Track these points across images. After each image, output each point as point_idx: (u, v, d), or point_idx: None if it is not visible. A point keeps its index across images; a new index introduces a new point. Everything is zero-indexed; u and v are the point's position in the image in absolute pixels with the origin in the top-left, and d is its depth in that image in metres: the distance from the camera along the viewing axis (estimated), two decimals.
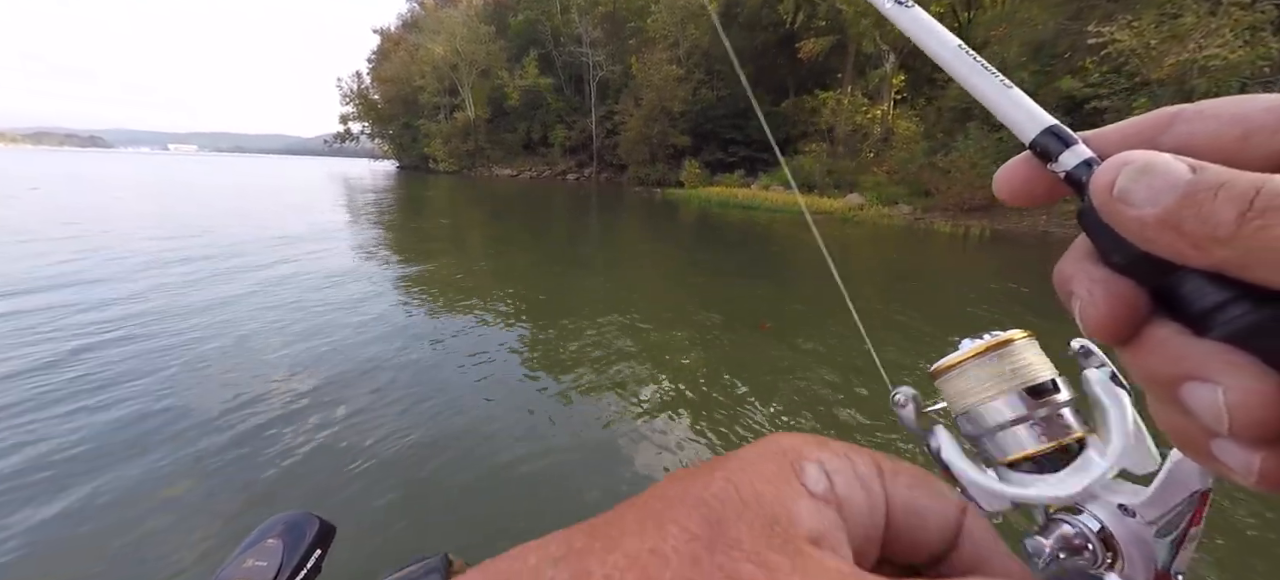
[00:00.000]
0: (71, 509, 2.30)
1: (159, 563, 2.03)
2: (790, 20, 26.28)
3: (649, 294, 6.72)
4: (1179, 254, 0.16)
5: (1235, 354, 0.15)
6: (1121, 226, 0.17)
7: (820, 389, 3.69)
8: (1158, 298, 0.17)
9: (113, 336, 4.17)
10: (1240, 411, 0.15)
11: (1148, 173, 0.16)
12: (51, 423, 2.94)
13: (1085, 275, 0.19)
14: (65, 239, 8.26)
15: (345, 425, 3.04)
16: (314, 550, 0.78)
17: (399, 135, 57.42)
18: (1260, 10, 9.68)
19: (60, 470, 2.55)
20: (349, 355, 4.03)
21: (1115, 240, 0.18)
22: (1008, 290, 7.38)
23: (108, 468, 2.58)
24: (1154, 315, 0.17)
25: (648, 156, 32.54)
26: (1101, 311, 0.18)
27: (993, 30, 18.62)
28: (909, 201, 17.64)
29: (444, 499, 2.44)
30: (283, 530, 0.77)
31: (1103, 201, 0.17)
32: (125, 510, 2.31)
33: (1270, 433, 0.14)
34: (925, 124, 20.78)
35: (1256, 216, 0.14)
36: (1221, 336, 0.15)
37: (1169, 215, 0.15)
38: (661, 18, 34.75)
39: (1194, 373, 0.16)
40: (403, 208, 17.06)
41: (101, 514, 2.28)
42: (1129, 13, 11.77)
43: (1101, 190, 0.17)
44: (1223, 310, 0.15)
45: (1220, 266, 0.15)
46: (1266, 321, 0.14)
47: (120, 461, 2.63)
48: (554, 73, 43.51)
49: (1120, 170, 0.17)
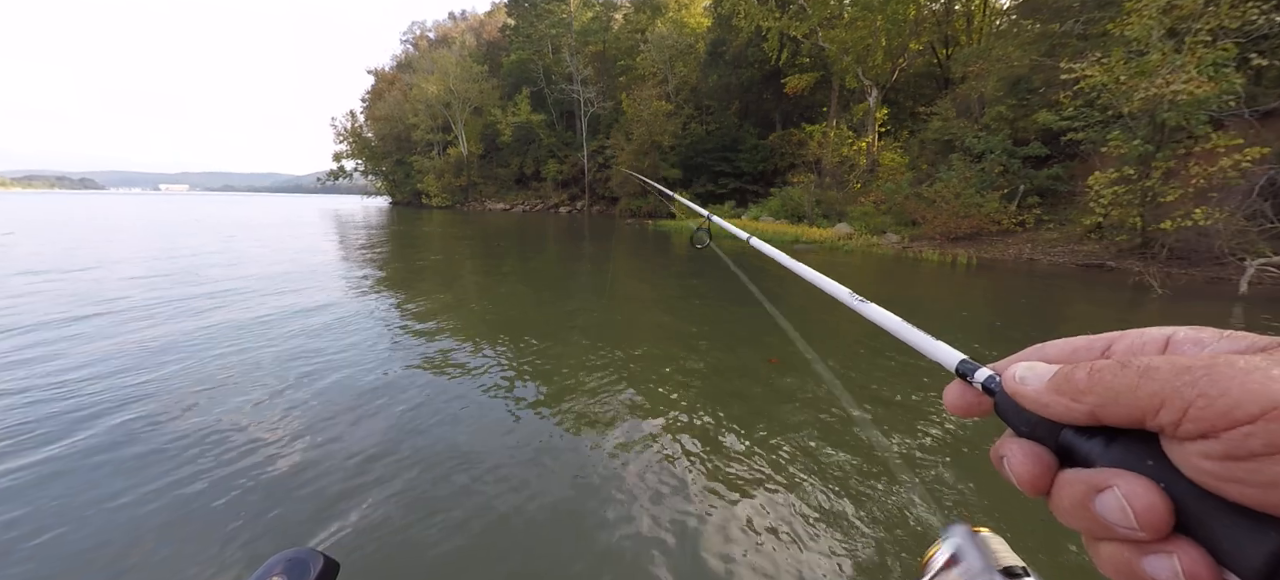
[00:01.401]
0: (72, 549, 2.18)
1: None
2: (775, 57, 27.18)
3: (649, 323, 6.69)
4: (1059, 411, 0.24)
5: (1116, 468, 0.22)
6: (1023, 401, 0.25)
7: (835, 426, 3.66)
8: (1059, 456, 0.25)
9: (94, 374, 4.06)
10: (1134, 498, 0.21)
11: (1032, 367, 0.26)
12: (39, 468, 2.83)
13: (1007, 446, 0.26)
14: (32, 292, 8.12)
15: (346, 460, 2.95)
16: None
17: (392, 172, 57.94)
18: (1222, 48, 10.16)
19: (52, 512, 2.43)
20: (344, 391, 3.95)
21: (1021, 415, 0.26)
22: (995, 317, 7.44)
23: (100, 500, 2.47)
24: (1060, 468, 0.24)
25: (639, 189, 33.00)
26: (1022, 468, 0.25)
27: (969, 66, 19.37)
28: (897, 231, 17.95)
29: (451, 539, 2.36)
30: (286, 568, 0.77)
31: (1011, 388, 0.26)
32: (120, 544, 2.20)
33: (1160, 519, 0.20)
34: (910, 156, 21.32)
35: (1096, 374, 0.23)
36: (1103, 463, 0.23)
37: (1049, 385, 0.24)
38: (650, 56, 35.84)
39: (1096, 485, 0.22)
40: (401, 241, 17.04)
41: (100, 550, 2.17)
42: (1098, 50, 12.30)
43: (1010, 380, 0.26)
44: (1099, 444, 0.23)
45: (1086, 418, 0.23)
46: (1126, 444, 0.22)
47: (113, 494, 2.52)
48: (546, 109, 44.43)
49: (1020, 367, 0.27)
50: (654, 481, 2.97)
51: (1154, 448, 0.21)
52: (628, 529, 2.56)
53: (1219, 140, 10.21)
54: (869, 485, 2.97)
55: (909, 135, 23.16)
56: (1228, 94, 10.15)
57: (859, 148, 25.11)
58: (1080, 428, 0.24)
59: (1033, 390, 0.25)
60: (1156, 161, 11.05)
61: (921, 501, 2.84)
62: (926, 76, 25.69)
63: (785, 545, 2.46)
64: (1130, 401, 0.21)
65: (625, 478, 3.03)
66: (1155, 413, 0.21)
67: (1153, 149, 11.11)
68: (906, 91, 26.13)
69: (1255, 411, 0.18)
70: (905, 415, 3.93)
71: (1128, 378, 0.22)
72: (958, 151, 17.64)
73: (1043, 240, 14.76)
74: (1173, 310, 8.12)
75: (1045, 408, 0.24)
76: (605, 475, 3.06)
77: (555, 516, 2.67)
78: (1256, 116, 10.94)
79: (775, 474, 3.04)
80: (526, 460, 3.22)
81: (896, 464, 3.24)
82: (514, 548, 2.45)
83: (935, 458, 3.29)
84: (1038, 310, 8.45)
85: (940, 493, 2.93)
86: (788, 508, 2.74)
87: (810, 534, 2.53)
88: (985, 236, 15.81)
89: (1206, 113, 10.32)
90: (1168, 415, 0.20)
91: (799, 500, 2.80)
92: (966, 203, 16.08)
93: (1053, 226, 15.13)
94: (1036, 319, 7.82)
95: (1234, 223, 10.26)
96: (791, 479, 2.99)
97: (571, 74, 40.15)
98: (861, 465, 3.19)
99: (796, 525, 2.60)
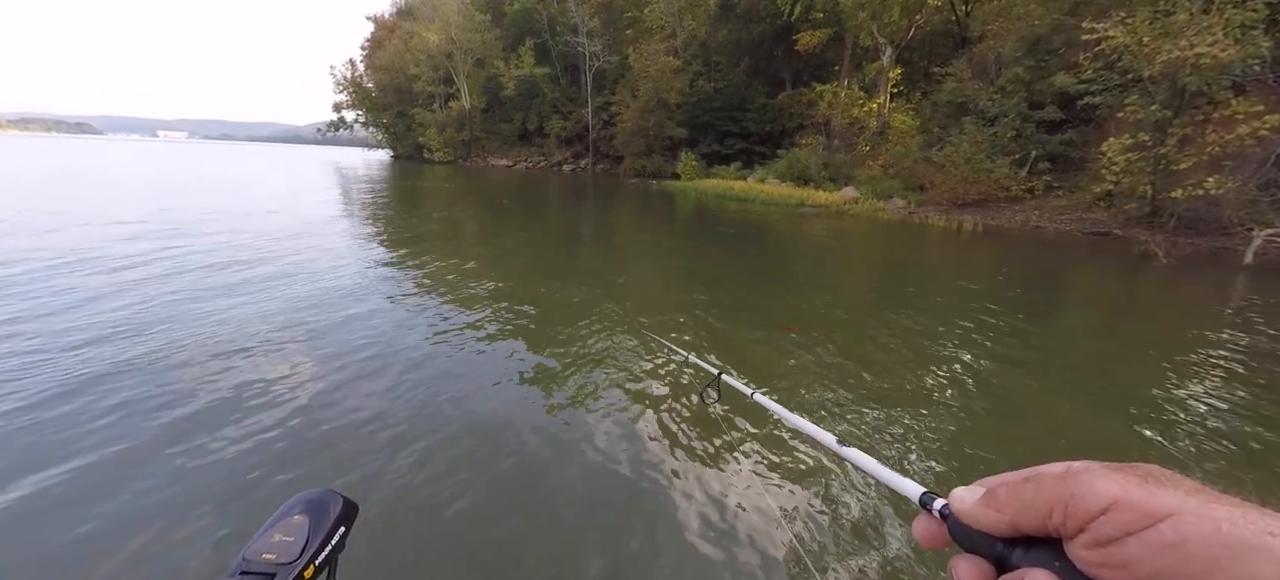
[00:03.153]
0: (92, 500, 2.34)
1: (183, 540, 2.09)
2: (788, 12, 26.20)
3: (669, 289, 6.77)
4: (989, 524, 0.31)
5: (1033, 568, 0.28)
6: (962, 518, 0.33)
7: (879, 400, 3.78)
8: (996, 565, 0.31)
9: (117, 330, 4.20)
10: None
11: (971, 489, 0.33)
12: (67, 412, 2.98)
13: (956, 563, 0.33)
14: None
15: (364, 407, 3.09)
16: (338, 527, 0.80)
17: (393, 124, 56.86)
18: (1252, 8, 9.77)
19: (77, 457, 2.59)
20: (364, 349, 4.08)
21: (965, 534, 0.32)
22: (998, 283, 7.48)
23: (126, 448, 2.63)
24: (997, 576, 0.31)
25: (644, 148, 32.42)
26: (966, 576, 0.31)
27: (989, 24, 18.65)
28: (903, 196, 17.75)
29: (466, 487, 2.51)
30: (308, 507, 0.79)
31: (954, 507, 0.34)
32: (148, 485, 2.36)
33: None
34: (921, 118, 20.83)
35: (1010, 489, 0.31)
36: (1024, 565, 0.29)
37: (980, 502, 0.32)
38: (659, 8, 34.54)
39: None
40: (407, 198, 16.98)
41: (123, 488, 2.33)
42: (1124, 9, 11.83)
43: (954, 500, 0.34)
44: (1021, 551, 0.30)
45: (1008, 528, 0.30)
46: (1041, 549, 0.29)
47: (143, 435, 2.68)
48: (550, 62, 43.17)
49: (960, 489, 0.34)
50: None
51: (1060, 550, 0.28)
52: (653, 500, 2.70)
53: (1239, 107, 9.95)
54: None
55: (922, 97, 22.56)
56: (1253, 58, 9.83)
57: (870, 109, 24.49)
58: (1008, 539, 0.30)
59: (969, 508, 0.32)
60: (1173, 128, 10.81)
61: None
62: (943, 34, 24.76)
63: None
64: (1034, 510, 0.28)
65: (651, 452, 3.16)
66: (1051, 518, 0.28)
67: (1171, 115, 10.85)
68: (922, 50, 25.25)
69: (1103, 504, 0.25)
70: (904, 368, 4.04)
71: (1029, 489, 0.29)
72: (971, 115, 17.24)
73: (1050, 207, 14.61)
74: (1175, 279, 8.14)
75: (977, 521, 0.31)
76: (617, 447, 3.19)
77: (552, 459, 2.81)
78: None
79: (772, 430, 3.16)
80: (545, 430, 3.36)
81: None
82: (521, 496, 2.60)
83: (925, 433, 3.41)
84: (1041, 278, 8.48)
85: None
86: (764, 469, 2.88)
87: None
88: (992, 203, 15.65)
89: (1229, 77, 10.02)
90: (1057, 518, 0.27)
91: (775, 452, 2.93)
92: (976, 168, 15.84)
93: (1062, 193, 14.95)
94: (1039, 286, 7.85)
95: (1246, 192, 10.13)
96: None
97: (577, 25, 38.75)
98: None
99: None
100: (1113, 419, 3.42)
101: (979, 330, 5.08)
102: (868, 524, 2.31)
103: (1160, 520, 0.24)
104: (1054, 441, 3.14)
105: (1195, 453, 3.01)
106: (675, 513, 2.38)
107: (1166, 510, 0.24)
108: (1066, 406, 3.58)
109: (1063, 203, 14.61)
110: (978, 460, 2.89)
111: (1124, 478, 0.26)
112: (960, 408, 3.46)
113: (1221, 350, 4.74)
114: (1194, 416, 3.44)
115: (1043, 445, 3.11)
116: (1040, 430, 3.29)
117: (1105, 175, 11.92)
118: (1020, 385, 3.92)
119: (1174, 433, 3.22)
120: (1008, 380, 3.97)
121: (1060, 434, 3.24)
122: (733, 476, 2.64)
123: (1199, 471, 2.82)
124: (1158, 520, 0.24)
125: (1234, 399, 3.71)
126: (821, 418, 3.27)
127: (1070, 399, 3.70)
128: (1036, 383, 3.98)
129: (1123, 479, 0.26)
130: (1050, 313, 6.35)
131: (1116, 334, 5.56)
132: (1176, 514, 0.24)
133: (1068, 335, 5.53)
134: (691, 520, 2.33)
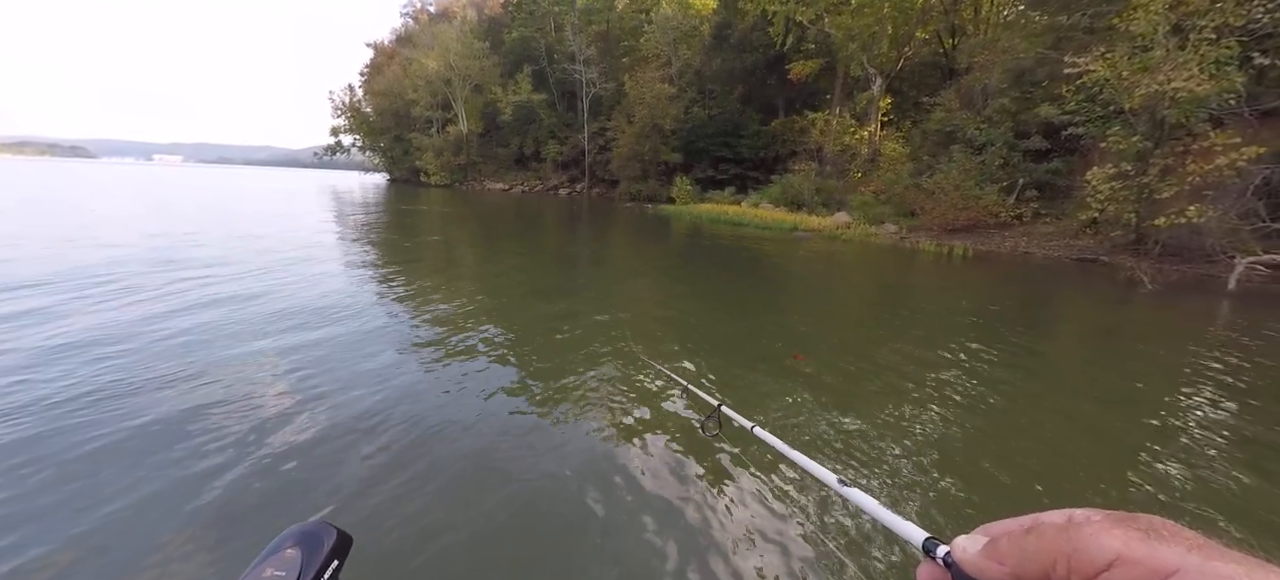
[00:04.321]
0: (82, 519, 2.31)
1: (171, 577, 2.06)
2: (780, 42, 26.90)
3: (666, 313, 6.81)
4: (991, 575, 0.31)
5: None
6: (965, 567, 0.33)
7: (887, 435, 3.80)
8: None
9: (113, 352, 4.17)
10: None
11: (973, 539, 0.34)
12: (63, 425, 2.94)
13: None
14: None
15: (359, 440, 3.08)
16: (332, 559, 0.77)
17: (391, 148, 57.35)
18: (1225, 46, 10.17)
19: (69, 479, 2.55)
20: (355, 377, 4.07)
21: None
22: (990, 306, 7.59)
23: (115, 476, 2.59)
24: None
25: (639, 172, 32.86)
26: None
27: (975, 56, 19.24)
28: (895, 221, 18.02)
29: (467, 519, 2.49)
30: (300, 540, 0.76)
31: (957, 556, 0.34)
32: (137, 519, 2.33)
33: None
34: (911, 146, 21.29)
35: (1012, 540, 0.31)
36: None
37: (982, 552, 0.32)
38: (654, 37, 35.43)
39: None
40: (403, 221, 17.06)
41: (110, 522, 2.30)
42: (1103, 44, 12.28)
43: (956, 549, 0.35)
44: None
45: (1011, 576, 0.30)
46: None
47: (130, 468, 2.65)
48: (547, 88, 43.94)
49: (962, 538, 0.35)
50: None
51: None
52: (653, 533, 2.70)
53: (1217, 138, 10.27)
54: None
55: (912, 126, 23.10)
56: (1228, 93, 10.19)
57: (861, 137, 25.05)
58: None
59: (971, 558, 0.33)
60: (1155, 158, 11.13)
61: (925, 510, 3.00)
62: (931, 66, 25.51)
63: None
64: (1036, 562, 0.28)
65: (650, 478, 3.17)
66: (1054, 570, 0.27)
67: (1151, 145, 11.18)
68: (911, 81, 25.97)
69: (1106, 560, 0.25)
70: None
71: (1031, 541, 0.29)
72: (959, 143, 17.65)
73: (1038, 234, 14.88)
74: (1160, 305, 8.28)
75: (981, 572, 0.31)
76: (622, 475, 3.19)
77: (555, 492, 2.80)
78: (1256, 115, 10.99)
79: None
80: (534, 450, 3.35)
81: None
82: (521, 530, 2.59)
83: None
84: (1031, 303, 8.60)
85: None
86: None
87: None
88: (982, 229, 15.92)
89: (1206, 110, 10.37)
90: (1061, 572, 0.27)
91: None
92: (966, 195, 16.15)
93: (1049, 220, 15.24)
94: (1029, 311, 7.97)
95: (1227, 221, 10.38)
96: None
97: (574, 53, 39.62)
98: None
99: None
100: (1111, 450, 3.46)
101: (973, 358, 5.14)
102: (870, 567, 2.31)
103: (1164, 579, 0.24)
104: (1053, 475, 3.16)
105: (1191, 482, 3.04)
106: (671, 546, 2.37)
107: (1170, 567, 0.24)
108: (1067, 434, 3.62)
109: (1050, 229, 14.88)
110: (974, 499, 2.91)
111: (1126, 532, 0.26)
112: (957, 439, 3.49)
113: (1213, 377, 4.82)
114: (1195, 442, 3.48)
115: (1042, 476, 3.13)
116: (1037, 463, 3.32)
117: (1091, 203, 12.19)
118: (1015, 415, 3.96)
119: (1171, 463, 3.26)
120: (1003, 409, 4.01)
121: (1059, 465, 3.26)
122: (732, 510, 2.64)
123: (1197, 498, 2.85)
124: (1161, 578, 0.24)
125: (1227, 426, 3.76)
126: (820, 453, 3.29)
127: (1070, 426, 3.74)
128: (1031, 413, 4.02)
129: (1124, 534, 0.26)
130: (1044, 339, 6.43)
131: (1107, 361, 5.63)
132: (1180, 573, 0.24)
133: (1062, 362, 5.59)
134: (689, 556, 2.32)
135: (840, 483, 0.58)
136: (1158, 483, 3.03)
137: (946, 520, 2.65)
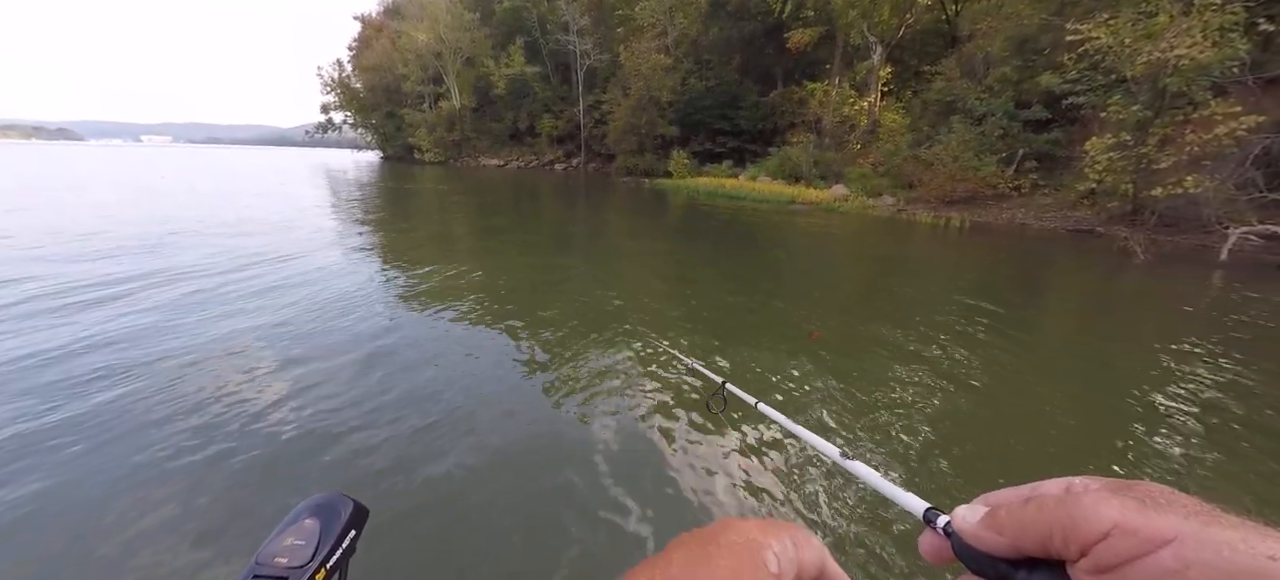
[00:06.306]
0: (99, 492, 2.40)
1: (195, 544, 2.15)
2: (779, 10, 26.28)
3: (666, 289, 6.86)
4: (990, 545, 0.31)
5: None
6: (965, 536, 0.33)
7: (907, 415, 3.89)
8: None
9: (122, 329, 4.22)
10: None
11: (973, 508, 0.33)
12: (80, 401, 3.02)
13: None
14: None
15: (363, 415, 3.16)
16: (349, 530, 0.80)
17: (382, 125, 56.38)
18: (1230, 12, 10.01)
19: (90, 452, 2.64)
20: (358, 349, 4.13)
21: (970, 554, 0.32)
22: (987, 283, 7.66)
23: (132, 448, 2.67)
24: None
25: (636, 146, 32.45)
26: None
27: (978, 23, 18.89)
28: (893, 193, 17.97)
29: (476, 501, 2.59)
30: (318, 511, 0.78)
31: (957, 525, 0.34)
32: (156, 491, 2.42)
33: None
34: (911, 116, 21.07)
35: (1011, 511, 0.30)
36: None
37: (981, 522, 0.32)
38: (650, 6, 34.50)
39: None
40: (397, 200, 16.93)
41: (131, 492, 2.39)
42: (1108, 10, 12.07)
43: (957, 519, 0.34)
44: (1024, 573, 0.29)
45: (1009, 549, 0.30)
46: (1044, 571, 0.28)
47: (145, 443, 2.73)
48: (541, 61, 43.02)
49: (963, 508, 0.34)
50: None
51: (1063, 573, 0.28)
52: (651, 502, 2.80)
53: (1218, 108, 10.20)
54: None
55: (912, 95, 22.80)
56: (1231, 60, 10.08)
57: (860, 107, 24.70)
58: (1012, 561, 0.30)
59: (970, 528, 0.32)
60: (1154, 128, 11.06)
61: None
62: (933, 33, 25.01)
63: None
64: (1035, 532, 0.29)
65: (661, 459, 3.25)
66: (1052, 540, 0.28)
67: (1152, 115, 11.10)
68: (912, 49, 25.49)
69: (1103, 529, 0.26)
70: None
71: (1030, 511, 0.29)
72: (959, 113, 17.48)
73: (1036, 205, 14.88)
74: (1151, 275, 8.36)
75: (981, 541, 0.31)
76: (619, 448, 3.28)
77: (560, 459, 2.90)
78: (1260, 83, 10.90)
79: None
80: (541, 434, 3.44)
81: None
82: (523, 499, 2.68)
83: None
84: (1025, 275, 8.68)
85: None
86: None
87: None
88: (980, 200, 15.90)
89: (1208, 78, 10.28)
90: (1058, 542, 0.27)
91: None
92: (965, 166, 16.07)
93: (1047, 191, 15.22)
94: (1024, 283, 8.05)
95: (1224, 191, 10.40)
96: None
97: (567, 23, 38.66)
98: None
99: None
100: (1107, 417, 3.56)
101: (969, 331, 5.23)
102: (872, 537, 2.40)
103: (1161, 547, 0.24)
104: (1050, 443, 3.27)
105: (1182, 444, 3.16)
106: (679, 518, 2.48)
107: (1167, 535, 0.24)
108: (1060, 404, 3.72)
109: (1048, 200, 14.88)
110: (976, 467, 3.02)
111: (1122, 501, 0.26)
112: (954, 411, 3.58)
113: (1202, 343, 4.92)
114: (1186, 412, 3.59)
115: (1038, 446, 3.24)
116: (1035, 430, 3.42)
117: (1089, 174, 12.17)
118: (1012, 386, 4.05)
119: (1167, 430, 3.36)
120: (998, 381, 4.11)
121: (1055, 432, 3.37)
122: (737, 485, 2.75)
123: (1187, 465, 2.97)
124: (1158, 546, 0.24)
125: (1216, 391, 3.87)
126: (822, 425, 3.39)
127: (1063, 397, 3.84)
128: (1028, 382, 4.12)
129: (1121, 502, 0.26)
130: (1039, 311, 6.53)
131: (1103, 331, 5.73)
132: (1177, 540, 0.24)
133: (1057, 333, 5.69)
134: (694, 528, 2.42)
135: (843, 456, 0.59)
136: (1151, 450, 3.14)
137: (946, 490, 2.76)
